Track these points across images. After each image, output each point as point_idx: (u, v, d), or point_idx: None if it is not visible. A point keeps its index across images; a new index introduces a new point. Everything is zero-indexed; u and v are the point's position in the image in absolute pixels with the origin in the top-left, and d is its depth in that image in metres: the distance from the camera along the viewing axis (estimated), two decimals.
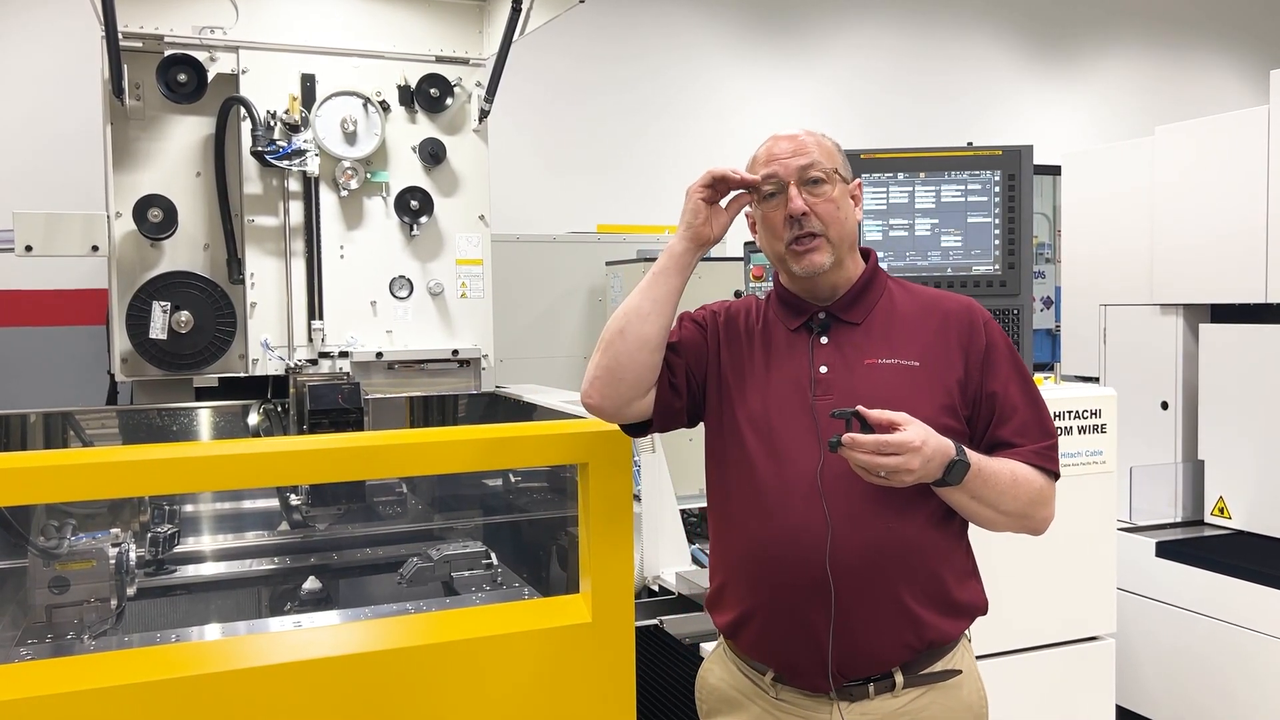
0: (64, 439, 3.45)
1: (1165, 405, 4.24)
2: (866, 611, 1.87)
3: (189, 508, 3.49)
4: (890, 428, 1.74)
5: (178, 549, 3.31)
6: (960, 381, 1.95)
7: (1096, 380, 4.50)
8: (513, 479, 3.50)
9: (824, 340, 1.99)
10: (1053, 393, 3.13)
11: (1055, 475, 1.97)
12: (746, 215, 2.08)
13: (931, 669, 1.94)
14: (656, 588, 2.96)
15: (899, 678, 1.91)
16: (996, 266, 3.12)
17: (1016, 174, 3.11)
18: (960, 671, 1.97)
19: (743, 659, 2.03)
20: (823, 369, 1.95)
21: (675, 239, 2.01)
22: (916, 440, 1.73)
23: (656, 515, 2.97)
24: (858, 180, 2.06)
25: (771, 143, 2.02)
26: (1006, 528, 1.95)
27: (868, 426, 1.75)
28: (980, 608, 2.03)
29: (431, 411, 3.88)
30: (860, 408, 1.75)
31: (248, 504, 3.59)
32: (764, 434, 1.95)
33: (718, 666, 2.10)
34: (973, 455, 1.84)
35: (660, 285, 1.99)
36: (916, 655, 1.92)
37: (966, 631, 2.03)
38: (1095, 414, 3.11)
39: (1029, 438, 1.95)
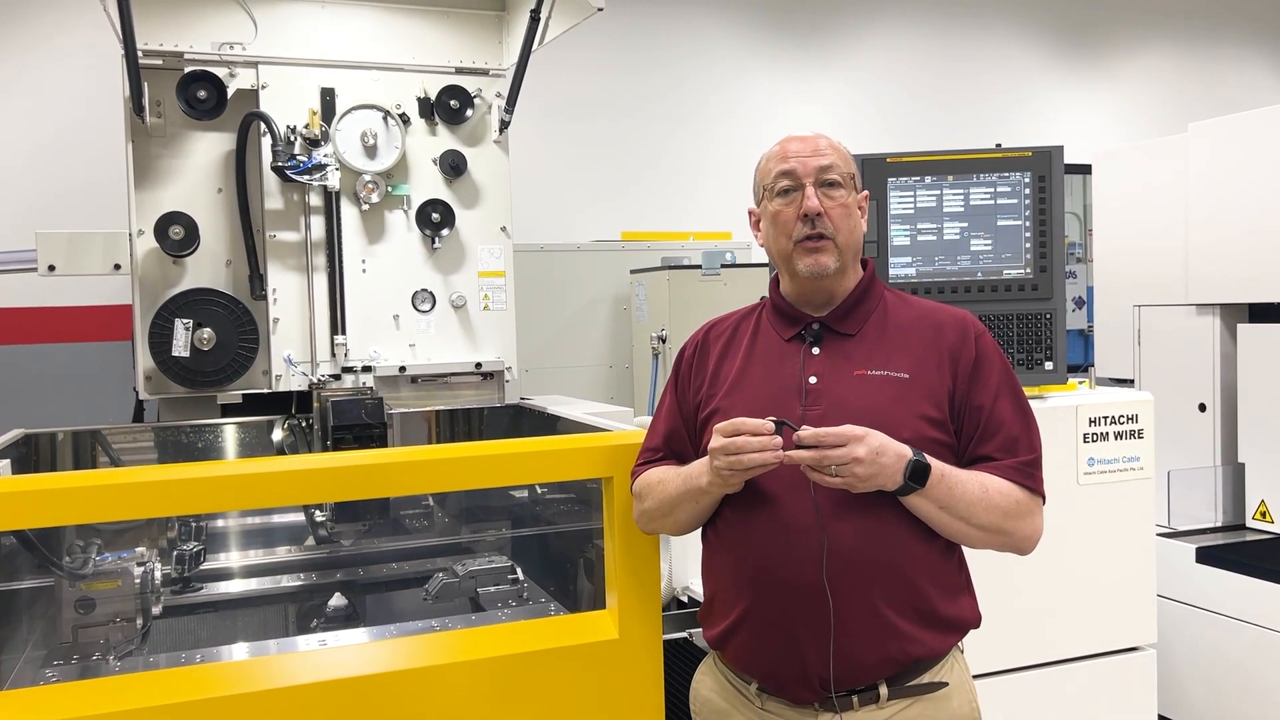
0: (93, 457, 3.45)
1: (1203, 407, 4.17)
2: (850, 626, 1.88)
3: (214, 524, 3.49)
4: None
5: (203, 566, 3.31)
6: (949, 394, 1.95)
7: (1131, 382, 4.45)
8: (540, 490, 3.47)
9: (816, 350, 2.01)
10: (1088, 398, 3.09)
11: (1036, 492, 1.95)
12: (750, 213, 2.10)
13: (918, 681, 1.93)
14: (685, 598, 2.91)
15: (884, 690, 1.91)
16: (1028, 270, 3.06)
17: (1047, 175, 3.05)
18: (946, 684, 1.96)
19: (730, 669, 2.06)
20: (813, 379, 1.97)
21: (708, 480, 1.93)
22: (858, 430, 1.76)
23: None
24: (865, 193, 2.08)
25: (786, 141, 2.03)
26: (985, 544, 1.94)
27: None
28: (971, 623, 2.02)
29: (458, 425, 3.86)
30: (789, 425, 1.80)
31: (273, 520, 3.58)
32: None
33: (708, 677, 2.14)
34: (936, 462, 1.84)
35: (684, 510, 2.04)
36: (901, 669, 1.92)
37: (959, 644, 2.03)
38: (1132, 419, 3.06)
39: (1009, 453, 1.94)
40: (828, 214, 1.95)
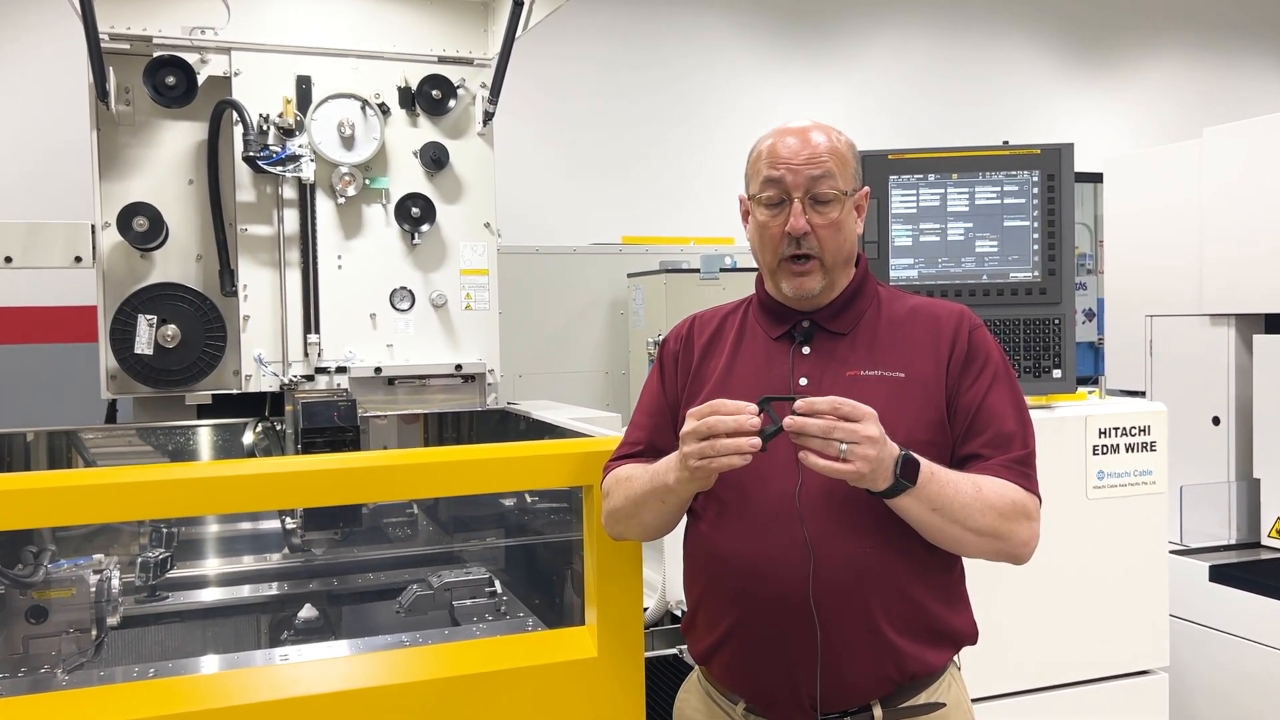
0: (68, 458, 3.38)
1: (1217, 421, 4.08)
2: (843, 641, 1.76)
3: (183, 531, 3.37)
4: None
5: (170, 574, 3.19)
6: (944, 390, 1.84)
7: (1143, 394, 4.36)
8: (529, 499, 3.35)
9: (806, 350, 1.90)
10: (1098, 408, 2.98)
11: (1032, 492, 1.82)
12: (741, 201, 1.97)
13: (913, 702, 1.83)
14: (679, 612, 2.79)
15: (877, 711, 1.81)
16: (1035, 273, 2.94)
17: (1056, 174, 2.95)
18: (944, 705, 1.84)
19: (715, 687, 1.95)
20: (803, 381, 1.86)
21: (675, 477, 1.77)
22: (870, 409, 1.62)
23: (680, 535, 2.82)
24: (865, 189, 1.92)
25: (778, 138, 1.87)
26: (981, 550, 1.79)
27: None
28: (968, 636, 1.90)
29: (445, 429, 3.76)
30: (782, 399, 1.65)
31: (244, 527, 3.48)
32: None
33: (692, 696, 2.03)
34: (925, 460, 1.70)
35: (650, 511, 1.89)
36: (896, 687, 1.82)
37: (955, 660, 1.91)
38: (1144, 431, 2.94)
39: (1001, 450, 1.81)
40: (815, 232, 1.82)
